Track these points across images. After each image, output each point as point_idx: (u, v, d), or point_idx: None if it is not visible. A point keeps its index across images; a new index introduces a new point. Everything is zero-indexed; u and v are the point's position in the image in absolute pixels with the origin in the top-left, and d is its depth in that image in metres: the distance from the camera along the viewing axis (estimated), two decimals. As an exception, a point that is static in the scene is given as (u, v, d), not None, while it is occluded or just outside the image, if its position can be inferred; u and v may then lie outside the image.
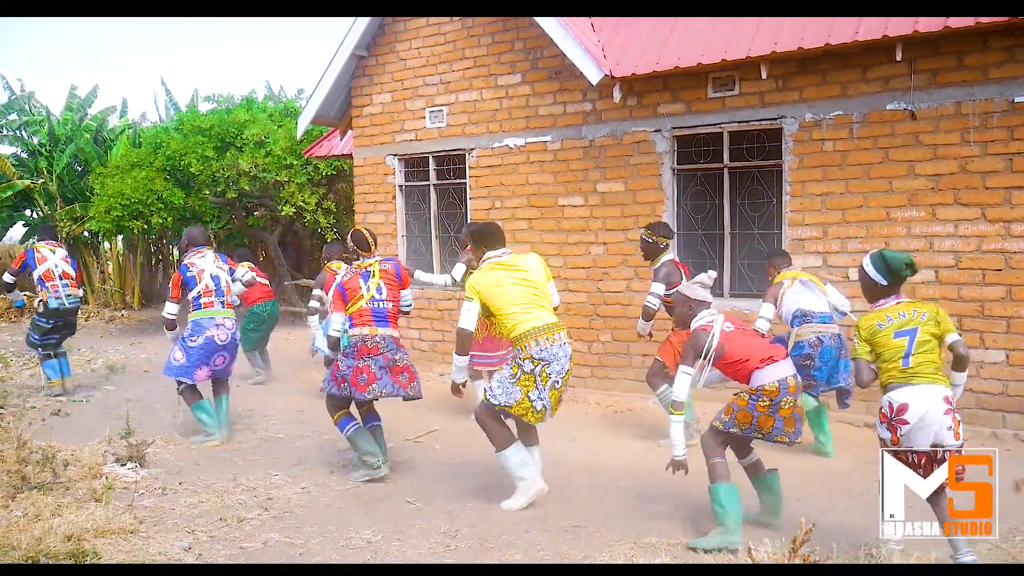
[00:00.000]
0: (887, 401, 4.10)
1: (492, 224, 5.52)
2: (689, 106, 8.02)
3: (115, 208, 13.59)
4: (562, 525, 4.92)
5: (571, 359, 5.14)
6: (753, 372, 4.55)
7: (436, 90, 9.71)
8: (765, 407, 4.49)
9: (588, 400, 8.48)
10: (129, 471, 5.87)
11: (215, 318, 6.90)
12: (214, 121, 14.19)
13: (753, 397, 4.52)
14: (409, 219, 10.34)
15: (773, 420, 4.51)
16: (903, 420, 4.03)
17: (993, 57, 6.61)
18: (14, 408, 7.15)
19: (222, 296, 7.01)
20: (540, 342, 4.98)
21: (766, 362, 4.56)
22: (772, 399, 4.48)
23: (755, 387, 4.52)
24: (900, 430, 4.05)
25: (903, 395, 4.05)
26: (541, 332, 5.01)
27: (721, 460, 4.64)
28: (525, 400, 5.01)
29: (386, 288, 5.88)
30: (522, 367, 5.01)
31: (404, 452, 6.63)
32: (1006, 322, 6.69)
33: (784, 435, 4.56)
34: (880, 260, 4.22)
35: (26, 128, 18.10)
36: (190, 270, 6.93)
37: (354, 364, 5.69)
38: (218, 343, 6.87)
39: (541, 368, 4.98)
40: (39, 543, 4.25)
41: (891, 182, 7.08)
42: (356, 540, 4.70)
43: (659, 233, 6.65)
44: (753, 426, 4.54)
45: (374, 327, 5.76)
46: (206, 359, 6.85)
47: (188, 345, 6.80)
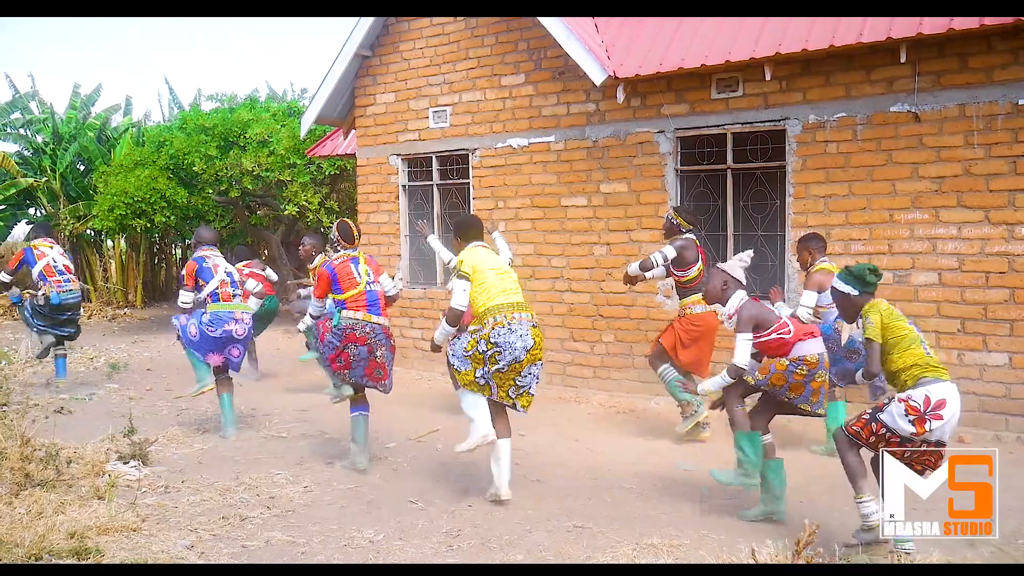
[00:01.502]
0: (923, 394, 4.04)
1: (474, 217, 5.70)
2: (693, 107, 8.02)
3: (118, 207, 13.61)
4: (565, 525, 4.92)
5: (535, 348, 5.20)
6: (796, 343, 4.81)
7: (440, 90, 9.71)
8: (802, 375, 4.75)
9: (591, 400, 8.48)
10: (132, 469, 5.87)
11: (234, 312, 7.03)
12: (217, 120, 14.20)
13: (793, 364, 4.78)
14: (412, 219, 10.34)
15: (804, 388, 4.77)
16: (939, 416, 4.02)
17: (997, 59, 6.60)
18: (17, 405, 7.15)
19: (237, 290, 7.12)
20: (500, 318, 5.13)
21: (808, 336, 4.85)
22: (811, 369, 4.75)
23: (797, 356, 4.78)
24: (931, 424, 4.02)
25: (942, 390, 4.05)
26: (501, 309, 5.17)
27: (741, 408, 4.99)
28: (471, 374, 5.20)
29: (373, 273, 6.12)
30: (477, 345, 5.16)
31: (406, 452, 6.63)
32: (1009, 325, 6.68)
33: (808, 404, 4.83)
34: (846, 273, 4.47)
35: (30, 126, 18.13)
36: (206, 261, 7.02)
37: (337, 345, 5.90)
38: (236, 337, 7.01)
39: (493, 353, 5.13)
40: (42, 540, 4.25)
41: (895, 184, 7.08)
42: (358, 539, 4.70)
43: (683, 216, 6.76)
44: (785, 388, 4.79)
45: (367, 313, 5.95)
46: (221, 349, 6.98)
47: (206, 333, 6.89)
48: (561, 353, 8.96)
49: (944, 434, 4.10)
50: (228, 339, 6.97)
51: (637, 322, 8.48)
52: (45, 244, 9.02)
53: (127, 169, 14.29)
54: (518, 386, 5.24)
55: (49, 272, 8.74)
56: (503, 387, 5.22)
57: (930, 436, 4.06)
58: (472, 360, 5.18)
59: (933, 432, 4.05)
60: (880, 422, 4.17)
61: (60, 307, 8.76)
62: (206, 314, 6.94)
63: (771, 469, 4.96)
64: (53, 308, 8.72)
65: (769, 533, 4.57)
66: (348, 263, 6.04)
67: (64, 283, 8.79)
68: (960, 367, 6.86)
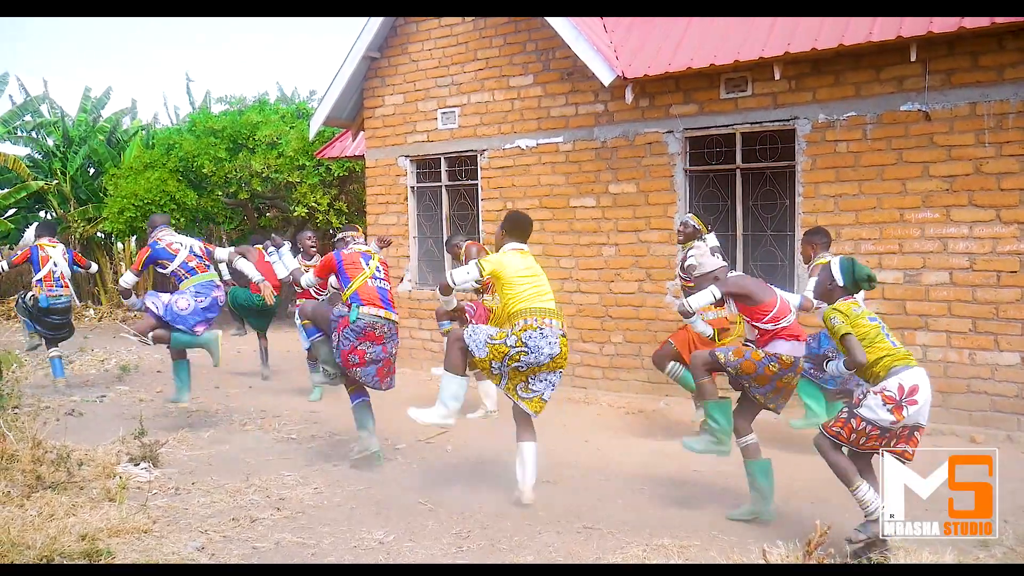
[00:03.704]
0: (897, 383, 4.19)
1: (526, 217, 5.64)
2: (702, 107, 8.00)
3: (128, 209, 13.67)
4: (574, 526, 4.91)
5: (560, 357, 5.23)
6: (775, 339, 4.87)
7: (448, 91, 9.72)
8: (773, 371, 4.84)
9: (600, 401, 8.47)
10: (142, 471, 5.89)
11: (214, 280, 7.35)
12: (226, 122, 14.25)
13: (768, 358, 4.85)
14: (421, 220, 10.36)
15: (768, 382, 4.88)
16: (914, 400, 4.17)
17: (1008, 57, 6.57)
18: (29, 408, 7.18)
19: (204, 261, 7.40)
20: (529, 322, 5.12)
21: (791, 337, 4.88)
22: (782, 369, 4.83)
23: (773, 351, 4.84)
24: (908, 410, 4.16)
25: (913, 376, 4.20)
26: (535, 312, 5.16)
27: (709, 379, 5.14)
28: (487, 363, 5.20)
29: (383, 270, 6.21)
30: (507, 339, 5.14)
31: (416, 453, 6.64)
32: (1021, 324, 6.64)
33: (765, 397, 4.92)
34: (849, 265, 4.52)
35: (41, 129, 18.22)
36: (159, 243, 7.29)
37: (353, 342, 5.90)
38: (219, 304, 7.33)
39: (518, 352, 5.10)
40: (54, 542, 4.27)
41: (905, 183, 7.05)
42: (368, 540, 4.71)
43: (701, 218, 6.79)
44: (751, 376, 4.87)
45: (385, 310, 5.99)
46: (207, 317, 7.26)
47: (197, 305, 7.16)
48: (570, 354, 8.91)
49: (920, 417, 4.23)
50: (215, 306, 7.26)
51: (646, 323, 8.46)
52: (50, 245, 9.20)
53: (137, 171, 14.36)
54: (529, 387, 5.24)
55: (47, 279, 8.98)
56: (513, 381, 5.24)
57: (908, 421, 4.21)
58: (492, 350, 5.15)
59: (910, 416, 4.18)
60: (859, 417, 4.27)
61: (48, 310, 9.00)
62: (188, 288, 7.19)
63: (758, 470, 4.97)
64: (41, 310, 8.98)
65: (780, 534, 4.56)
66: (358, 255, 6.13)
67: (55, 288, 9.01)
68: (972, 367, 6.83)
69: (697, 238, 6.73)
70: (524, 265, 5.30)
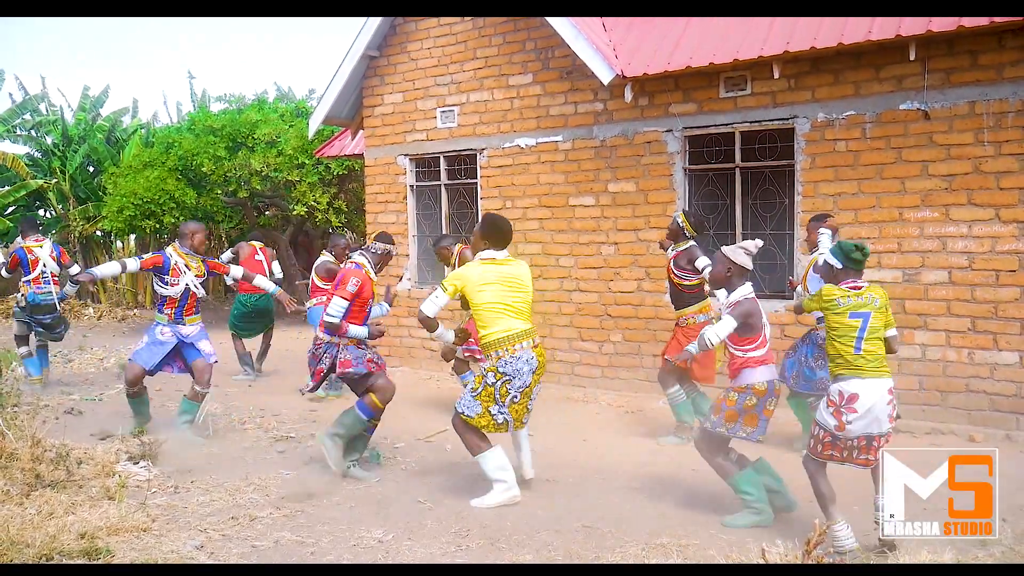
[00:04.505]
0: (837, 390, 4.30)
1: (505, 222, 5.39)
2: (701, 106, 8.00)
3: (127, 208, 13.67)
4: (573, 525, 4.91)
5: (540, 367, 5.22)
6: (743, 369, 4.74)
7: (447, 90, 9.72)
8: (751, 405, 4.71)
9: (599, 400, 8.47)
10: (142, 469, 5.89)
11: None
12: (226, 121, 14.25)
13: (741, 395, 4.72)
14: (420, 219, 10.35)
15: (757, 419, 4.73)
16: (852, 409, 4.24)
17: (1008, 56, 6.57)
18: (27, 406, 7.17)
19: None
20: (502, 352, 5.11)
21: (759, 364, 4.74)
22: (760, 398, 4.72)
23: (744, 384, 4.73)
24: (846, 417, 4.24)
25: (853, 386, 4.26)
26: (505, 342, 5.12)
27: (721, 457, 4.89)
28: (487, 414, 5.17)
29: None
30: (485, 379, 5.16)
31: (415, 452, 6.64)
32: (1020, 323, 6.64)
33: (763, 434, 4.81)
34: (836, 247, 4.52)
35: (39, 128, 18.22)
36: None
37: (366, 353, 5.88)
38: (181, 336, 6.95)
39: (503, 384, 5.11)
40: (53, 541, 4.27)
41: (904, 182, 7.05)
42: (367, 539, 4.71)
43: (691, 220, 6.70)
44: (738, 424, 4.75)
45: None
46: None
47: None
48: (569, 353, 8.96)
49: (872, 428, 4.26)
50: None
51: (645, 321, 8.46)
52: (36, 245, 9.13)
53: (136, 170, 14.36)
54: (528, 410, 5.31)
55: (36, 281, 8.98)
56: (519, 416, 5.25)
57: (854, 431, 4.25)
58: (481, 399, 5.16)
59: (853, 427, 4.25)
60: (815, 421, 4.42)
61: (37, 307, 8.99)
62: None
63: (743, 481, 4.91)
64: (30, 307, 8.97)
65: (779, 533, 4.56)
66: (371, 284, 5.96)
67: (43, 285, 9.00)
68: (971, 366, 6.83)
69: (682, 237, 6.71)
70: (496, 276, 5.16)
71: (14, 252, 9.16)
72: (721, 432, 4.81)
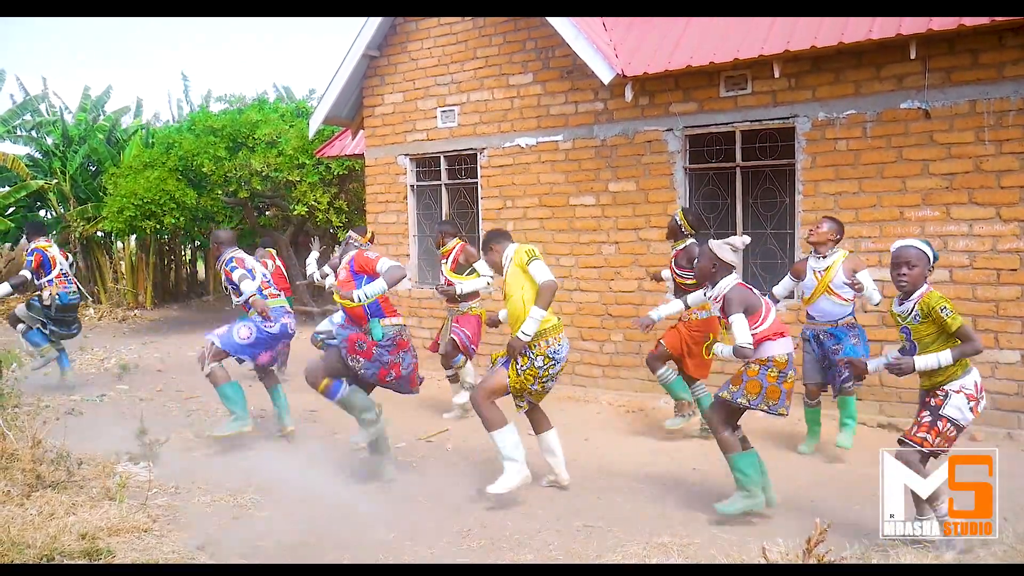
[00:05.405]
0: (972, 381, 4.28)
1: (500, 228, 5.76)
2: (701, 105, 7.99)
3: (128, 208, 13.66)
4: (574, 525, 4.91)
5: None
6: (764, 342, 4.76)
7: (448, 90, 9.71)
8: (774, 377, 4.73)
9: (600, 400, 8.47)
10: (142, 470, 5.88)
11: (284, 306, 7.01)
12: (226, 121, 14.25)
13: (763, 367, 4.74)
14: (421, 219, 10.35)
15: (779, 391, 4.74)
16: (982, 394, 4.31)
17: (1008, 55, 6.56)
18: (28, 407, 7.17)
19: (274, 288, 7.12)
20: (552, 340, 5.28)
21: (777, 336, 4.78)
22: (781, 370, 4.73)
23: (766, 357, 4.74)
24: (981, 404, 4.31)
25: (976, 374, 4.33)
26: (554, 330, 5.32)
27: (728, 431, 4.90)
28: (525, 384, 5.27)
29: None
30: (533, 362, 5.21)
31: (416, 452, 6.64)
32: (1021, 322, 6.64)
33: (784, 407, 4.79)
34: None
35: (40, 128, 18.22)
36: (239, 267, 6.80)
37: (389, 359, 5.67)
38: (289, 331, 7.01)
39: (547, 368, 5.24)
40: (54, 541, 4.27)
41: (905, 181, 7.04)
42: (369, 539, 4.70)
43: (689, 219, 6.71)
44: (761, 397, 4.74)
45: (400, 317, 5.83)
46: (274, 345, 6.97)
47: (263, 329, 6.77)
48: (570, 352, 8.92)
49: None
50: (284, 333, 6.93)
51: (646, 321, 8.44)
52: (47, 244, 9.11)
53: (136, 171, 14.35)
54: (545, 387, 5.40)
55: (60, 278, 8.92)
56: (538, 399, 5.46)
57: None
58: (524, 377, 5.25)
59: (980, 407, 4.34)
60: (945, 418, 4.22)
61: (66, 307, 8.94)
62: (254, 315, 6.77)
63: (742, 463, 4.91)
64: (60, 308, 8.88)
65: (780, 532, 4.55)
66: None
67: (68, 284, 8.98)
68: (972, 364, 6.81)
69: (680, 234, 6.71)
70: None
71: (35, 252, 8.98)
72: (742, 403, 4.77)
